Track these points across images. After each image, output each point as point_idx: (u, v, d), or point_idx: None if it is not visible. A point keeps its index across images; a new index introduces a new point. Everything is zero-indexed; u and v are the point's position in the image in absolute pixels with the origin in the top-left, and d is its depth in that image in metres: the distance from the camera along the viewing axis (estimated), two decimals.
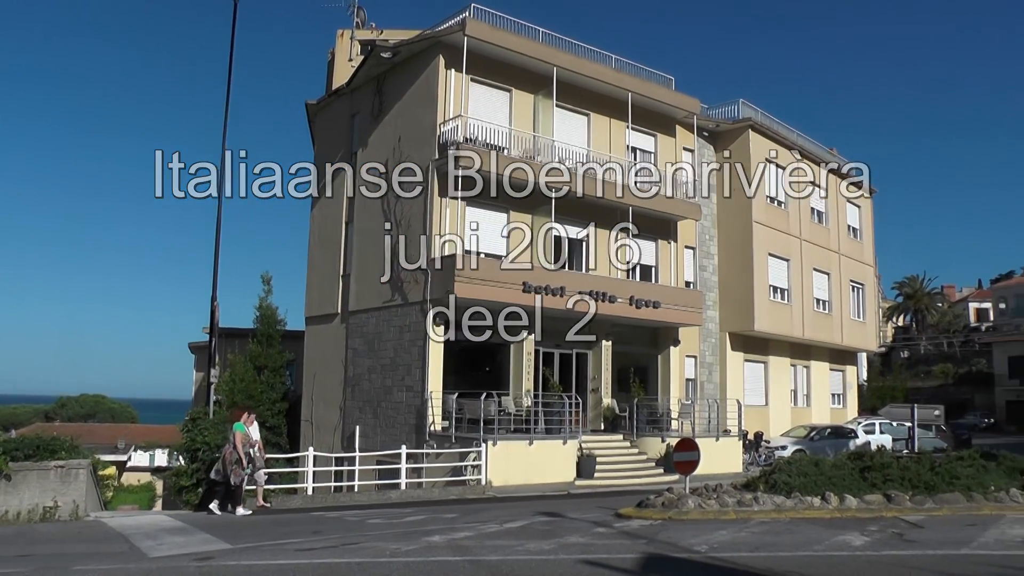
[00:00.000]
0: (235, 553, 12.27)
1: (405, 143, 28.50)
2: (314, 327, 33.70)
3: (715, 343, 37.69)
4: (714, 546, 12.10)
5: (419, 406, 26.27)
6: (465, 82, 27.59)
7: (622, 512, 16.36)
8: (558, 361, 30.02)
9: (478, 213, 27.99)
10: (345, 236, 31.88)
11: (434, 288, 26.21)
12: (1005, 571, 10.59)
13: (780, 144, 40.22)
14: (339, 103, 33.51)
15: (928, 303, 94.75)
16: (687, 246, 35.54)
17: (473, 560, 11.00)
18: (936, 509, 16.10)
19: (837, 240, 44.56)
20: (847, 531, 13.54)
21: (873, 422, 39.96)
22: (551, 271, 27.96)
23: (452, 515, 17.12)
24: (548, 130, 29.70)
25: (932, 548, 12.04)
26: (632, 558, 11.25)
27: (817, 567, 10.66)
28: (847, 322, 45.02)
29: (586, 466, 25.40)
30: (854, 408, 47.78)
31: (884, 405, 51.46)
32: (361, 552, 12.01)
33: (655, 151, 34.02)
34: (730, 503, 16.29)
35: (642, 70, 32.96)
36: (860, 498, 16.44)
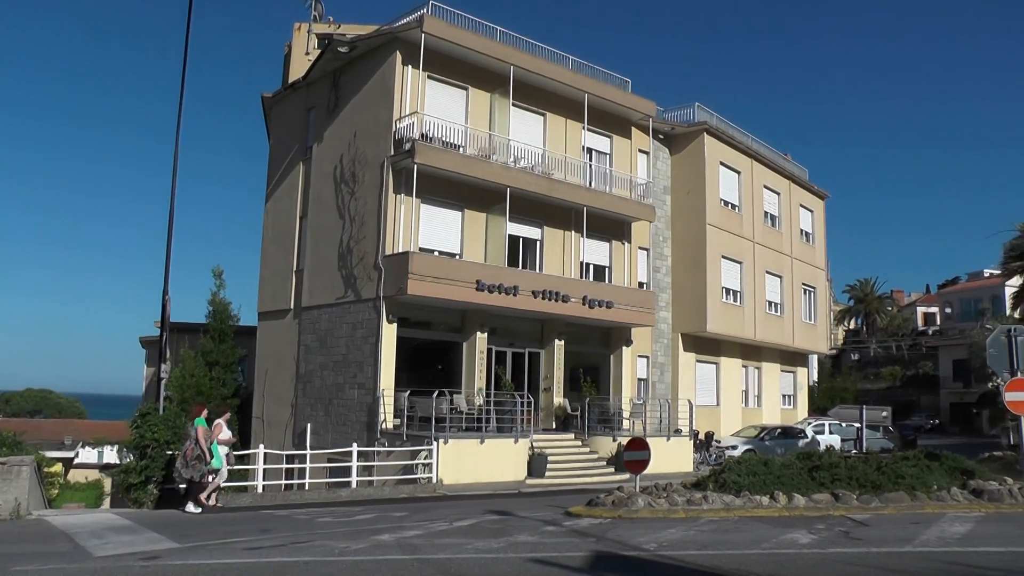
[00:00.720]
0: (182, 552, 12.13)
1: (361, 139, 28.42)
2: (266, 323, 33.48)
3: (667, 343, 37.90)
4: (663, 544, 12.14)
5: (371, 404, 26.21)
6: (422, 79, 27.57)
7: (572, 511, 16.39)
8: (510, 360, 30.09)
9: (433, 211, 27.98)
10: (299, 231, 31.72)
11: (387, 285, 26.13)
12: (945, 566, 10.77)
13: (735, 148, 40.58)
14: (295, 97, 33.31)
15: (878, 307, 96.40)
16: (641, 247, 35.71)
17: (422, 559, 10.95)
18: (882, 508, 16.33)
19: (790, 244, 45.02)
20: (795, 529, 13.65)
21: (822, 423, 40.44)
22: (505, 270, 28.00)
23: (402, 513, 17.07)
24: (504, 129, 29.76)
25: (877, 545, 12.21)
26: (581, 556, 11.26)
27: (764, 565, 10.71)
28: (798, 324, 45.50)
29: (537, 465, 25.44)
30: (804, 409, 48.27)
31: (834, 406, 51.98)
32: (310, 551, 11.91)
33: (610, 152, 34.23)
34: (680, 502, 16.35)
35: (599, 72, 33.14)
36: (808, 497, 16.60)
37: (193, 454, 18.08)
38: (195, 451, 18.06)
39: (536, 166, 30.19)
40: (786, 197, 45.01)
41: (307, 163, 31.60)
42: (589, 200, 31.22)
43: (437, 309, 27.98)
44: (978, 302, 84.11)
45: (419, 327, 28.42)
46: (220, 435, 19.13)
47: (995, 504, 16.94)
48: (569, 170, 31.59)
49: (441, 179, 27.27)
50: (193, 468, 18.05)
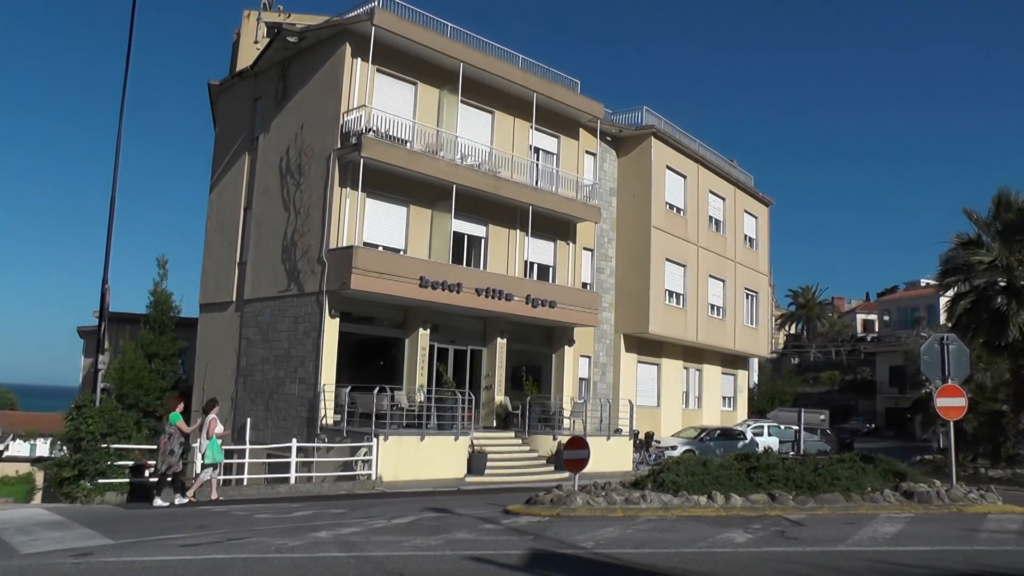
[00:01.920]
0: (115, 549, 11.92)
1: (308, 131, 28.20)
2: (208, 315, 33.06)
3: (609, 344, 38.09)
4: (600, 542, 12.23)
5: (311, 399, 26.02)
6: (371, 72, 27.43)
7: (511, 509, 16.46)
8: (452, 357, 30.06)
9: (378, 205, 27.86)
10: (243, 222, 31.36)
11: (331, 279, 25.97)
12: (875, 565, 11.03)
13: (681, 152, 40.89)
14: (242, 85, 32.92)
15: (819, 313, 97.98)
16: (585, 248, 35.84)
17: (359, 556, 10.90)
18: (817, 508, 16.67)
19: (733, 249, 45.47)
20: (731, 529, 13.85)
21: (762, 424, 41.02)
22: (449, 267, 27.97)
23: (340, 510, 17.01)
24: (452, 126, 29.70)
25: (811, 545, 12.45)
26: (518, 554, 11.30)
27: (700, 563, 10.84)
28: (740, 328, 45.96)
29: (477, 463, 25.44)
30: (744, 411, 48.79)
31: (773, 409, 52.80)
32: (246, 548, 11.78)
33: (558, 153, 34.33)
34: (618, 501, 16.49)
35: (548, 72, 33.21)
36: (745, 497, 16.87)
37: (166, 448, 18.42)
38: (168, 446, 18.40)
39: (483, 164, 30.18)
40: (731, 203, 45.47)
41: (253, 154, 31.27)
42: (535, 199, 31.28)
43: (380, 305, 27.85)
44: (915, 311, 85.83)
45: (362, 322, 28.29)
46: (215, 429, 19.58)
47: (924, 505, 17.51)
48: (516, 169, 31.63)
49: (387, 174, 27.15)
50: (162, 461, 18.39)
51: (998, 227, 29.79)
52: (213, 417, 19.79)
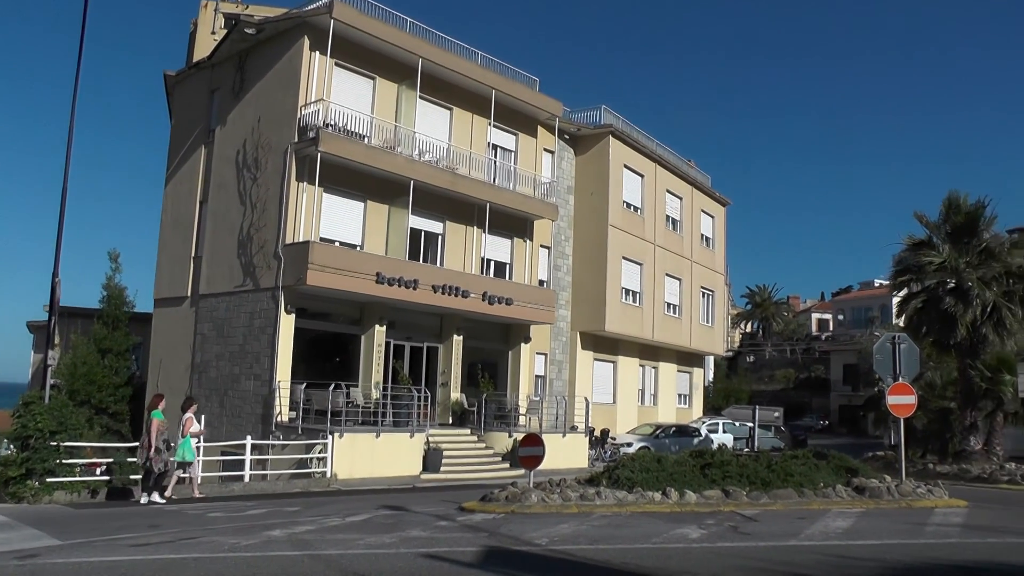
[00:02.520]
0: (63, 550, 11.68)
1: (265, 124, 27.97)
2: (162, 310, 32.65)
3: (566, 341, 38.19)
4: (555, 539, 12.28)
5: (266, 395, 25.83)
6: (329, 66, 27.27)
7: (466, 506, 16.46)
8: (408, 354, 29.99)
9: (335, 200, 27.70)
10: (199, 216, 31.06)
11: (286, 275, 25.80)
12: (826, 559, 11.22)
13: (639, 152, 41.14)
14: (199, 77, 32.59)
15: (774, 312, 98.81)
16: (542, 245, 35.91)
17: (312, 555, 10.85)
18: (770, 504, 16.89)
19: (690, 248, 45.81)
20: (685, 524, 13.96)
21: (717, 422, 41.33)
22: (405, 263, 27.94)
23: (295, 508, 16.91)
24: (410, 121, 29.62)
25: (764, 540, 12.63)
26: (473, 551, 11.29)
27: (654, 558, 10.92)
28: (696, 326, 46.32)
29: (433, 460, 25.40)
30: (699, 408, 49.27)
31: (728, 406, 53.19)
32: (199, 547, 11.64)
33: (516, 150, 34.34)
34: (573, 497, 16.55)
35: (508, 69, 33.23)
36: (700, 493, 17.03)
37: (150, 445, 18.35)
38: (152, 443, 18.34)
39: (441, 160, 30.14)
40: (688, 202, 45.79)
41: (209, 146, 30.94)
42: (492, 196, 31.28)
43: (336, 301, 27.72)
44: (868, 310, 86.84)
45: (318, 318, 28.12)
46: (191, 428, 19.58)
47: (875, 500, 17.88)
48: (474, 165, 31.61)
49: (345, 169, 27.02)
50: (152, 461, 18.31)
51: (948, 229, 30.35)
52: (190, 416, 19.75)
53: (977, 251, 29.72)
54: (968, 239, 29.92)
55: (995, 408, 29.88)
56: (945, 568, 11.17)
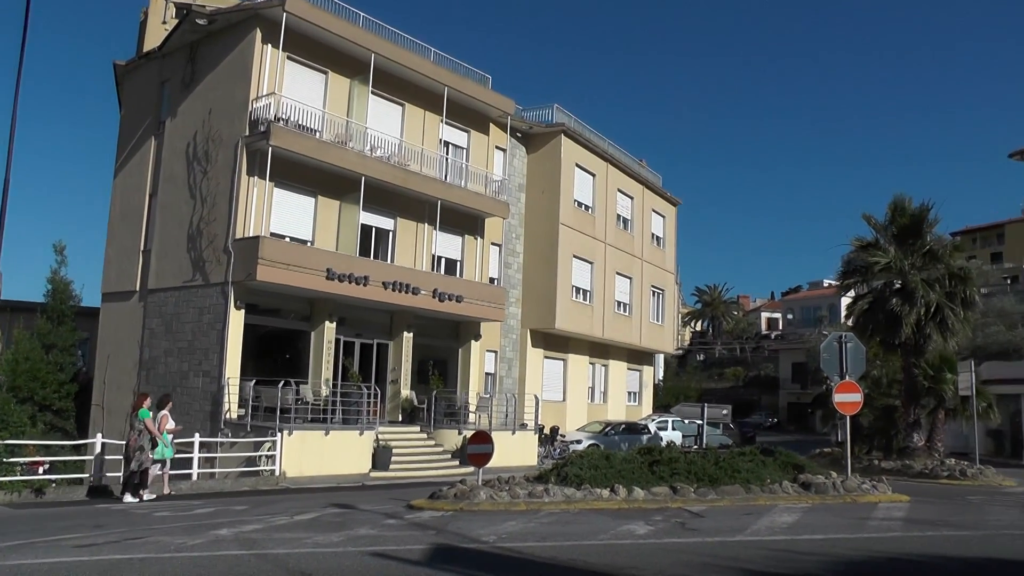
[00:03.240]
0: (1, 552, 11.19)
1: (216, 117, 27.68)
2: (110, 304, 32.08)
3: (516, 339, 38.27)
4: (502, 536, 12.32)
5: (215, 392, 25.54)
6: (281, 59, 27.08)
7: (414, 504, 16.45)
8: (358, 351, 29.87)
9: (286, 195, 27.50)
10: (148, 209, 30.59)
11: (236, 270, 25.55)
12: (771, 553, 11.40)
13: (591, 151, 41.34)
14: (149, 67, 32.05)
15: (724, 311, 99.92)
16: (493, 243, 35.92)
17: (260, 554, 10.77)
18: (718, 500, 17.12)
19: (641, 247, 46.10)
20: (633, 521, 14.09)
21: (666, 419, 41.64)
22: (356, 259, 27.80)
23: (243, 507, 16.76)
24: (362, 117, 29.48)
25: (710, 535, 12.79)
26: (420, 549, 11.28)
27: (600, 555, 10.99)
28: (646, 325, 46.63)
29: (382, 457, 25.33)
30: (649, 406, 49.63)
31: (677, 404, 53.66)
32: (144, 547, 11.45)
33: (468, 147, 34.33)
34: (521, 495, 16.61)
35: (460, 66, 33.18)
36: (648, 490, 17.20)
37: (136, 445, 18.34)
38: (137, 442, 18.35)
39: (392, 156, 30.05)
40: (639, 202, 46.10)
41: (159, 138, 30.52)
42: (444, 193, 31.25)
43: (286, 297, 27.52)
44: (817, 310, 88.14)
45: (267, 314, 27.93)
46: (167, 425, 19.60)
47: (821, 496, 18.27)
48: (425, 162, 31.53)
49: (296, 163, 26.84)
50: (134, 459, 18.32)
51: (894, 232, 31.00)
52: (165, 413, 19.73)
53: (921, 253, 30.43)
54: (913, 241, 30.61)
55: (937, 406, 30.67)
56: (886, 561, 11.44)
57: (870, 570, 10.93)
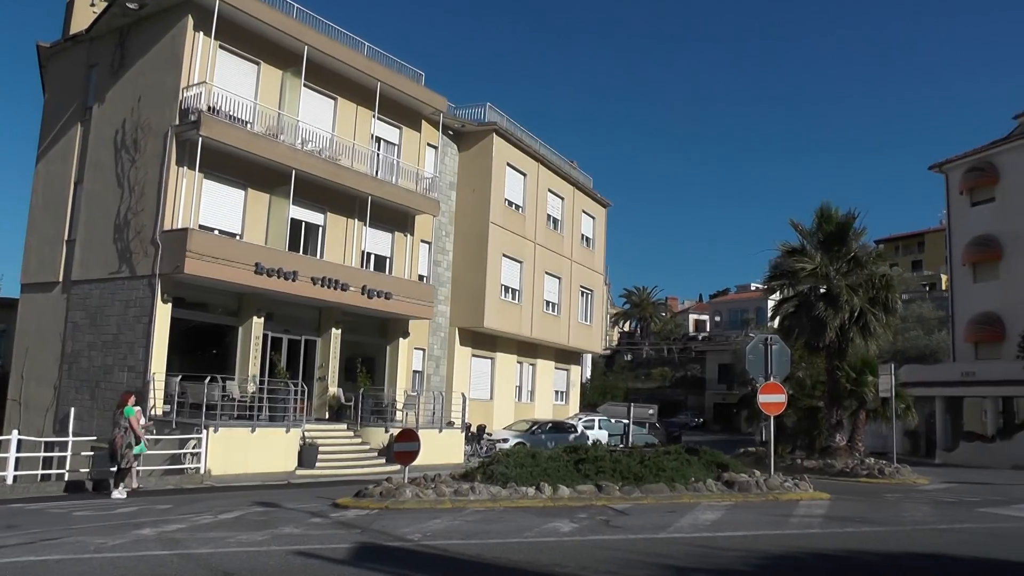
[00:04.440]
0: None
1: (145, 104, 27.11)
2: (30, 296, 31.12)
3: (444, 337, 38.25)
4: (427, 534, 12.34)
5: (140, 388, 24.74)
6: (213, 48, 26.70)
7: (339, 502, 16.41)
8: (286, 347, 29.61)
9: (215, 187, 27.09)
10: (73, 197, 29.77)
11: (164, 262, 25.08)
12: (694, 549, 11.61)
13: (522, 151, 41.45)
14: (76, 51, 31.16)
15: (652, 312, 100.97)
16: (423, 240, 35.88)
17: (183, 554, 10.64)
18: (642, 498, 17.37)
19: (570, 247, 46.36)
20: (558, 519, 14.22)
21: (593, 418, 41.98)
22: (285, 254, 27.58)
23: (166, 506, 16.51)
24: (294, 109, 29.24)
25: (634, 532, 12.96)
26: (345, 548, 11.25)
27: (525, 553, 11.05)
28: (575, 324, 46.90)
29: (308, 455, 25.11)
30: (576, 405, 49.91)
31: (605, 403, 54.13)
32: (61, 548, 11.15)
33: (399, 143, 34.20)
34: (447, 493, 16.66)
35: (394, 62, 33.10)
36: (573, 488, 17.38)
37: (123, 442, 18.65)
38: (125, 439, 18.66)
39: (324, 150, 29.80)
40: (570, 202, 46.37)
41: (86, 125, 29.79)
42: (374, 189, 31.09)
43: (214, 291, 27.12)
44: (744, 312, 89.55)
45: (195, 308, 27.43)
46: (141, 420, 19.73)
47: (744, 494, 18.69)
48: (357, 157, 31.35)
49: (226, 155, 26.47)
50: (124, 456, 18.65)
51: (820, 238, 31.68)
52: (138, 409, 19.69)
53: (847, 259, 31.17)
54: (838, 248, 31.32)
55: (859, 407, 31.43)
56: (806, 556, 11.70)
57: (791, 565, 11.17)
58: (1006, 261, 43.26)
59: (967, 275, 45.57)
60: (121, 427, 18.79)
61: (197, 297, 27.24)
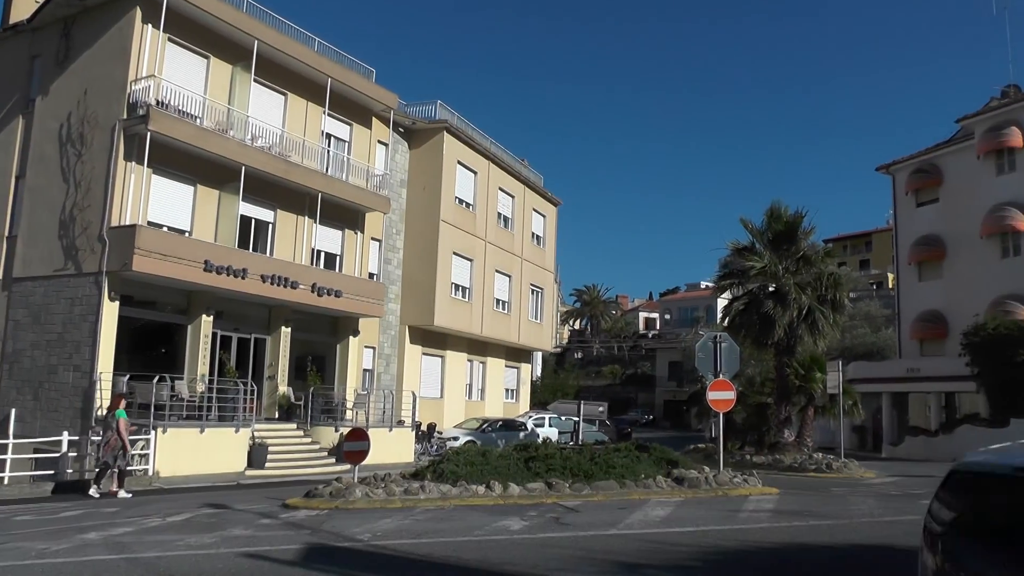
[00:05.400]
0: None
1: (92, 97, 26.54)
2: None
3: (395, 335, 38.12)
4: (377, 534, 12.30)
5: (86, 388, 24.49)
6: (162, 41, 26.28)
7: (289, 503, 16.30)
8: (236, 345, 29.30)
9: (164, 183, 26.67)
10: (14, 192, 29.01)
11: (111, 259, 24.63)
12: (644, 545, 11.67)
13: (473, 149, 41.47)
14: (17, 41, 30.19)
15: (603, 310, 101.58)
16: (374, 238, 35.71)
17: (130, 558, 10.47)
18: (592, 495, 17.45)
19: (521, 245, 46.44)
20: (508, 517, 14.25)
21: (543, 416, 42.06)
22: (235, 251, 27.32)
23: (114, 509, 16.28)
24: (244, 105, 28.92)
25: (584, 529, 13.03)
26: (294, 549, 11.18)
27: (475, 551, 11.05)
28: (525, 323, 46.98)
29: (258, 455, 24.91)
30: (526, 403, 50.01)
31: (555, 401, 54.29)
32: (2, 555, 10.87)
33: (350, 140, 34.01)
34: (397, 492, 16.63)
35: (344, 58, 32.92)
36: (523, 486, 17.42)
37: (117, 444, 19.02)
38: (118, 441, 19.01)
39: (274, 146, 29.55)
40: (520, 201, 46.45)
41: (28, 117, 28.97)
42: (325, 186, 30.89)
43: (163, 288, 26.69)
44: (694, 310, 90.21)
45: (143, 307, 26.98)
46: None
47: (693, 490, 18.87)
48: (307, 154, 31.13)
49: (175, 150, 26.08)
50: (120, 457, 19.10)
51: (769, 236, 32.04)
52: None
53: (796, 258, 31.55)
54: (788, 247, 31.70)
55: (807, 403, 31.85)
56: (755, 550, 11.87)
57: (740, 559, 11.27)
58: (949, 260, 44.19)
59: (912, 274, 46.48)
60: (114, 429, 19.06)
61: (145, 295, 26.82)
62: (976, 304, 40.11)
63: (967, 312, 39.89)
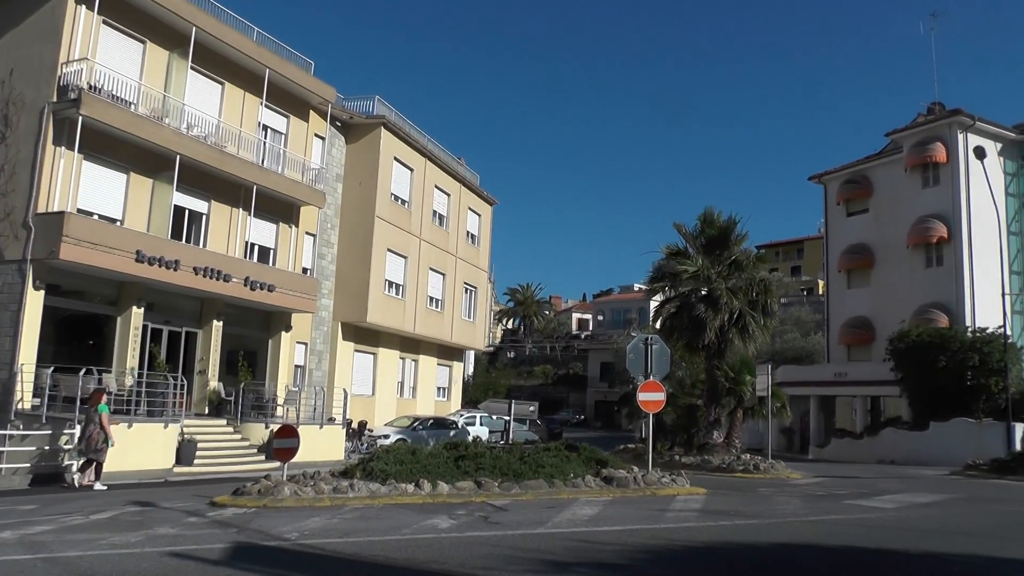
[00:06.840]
0: None
1: (18, 78, 25.74)
2: None
3: (327, 331, 37.86)
4: (305, 533, 12.20)
5: (6, 380, 23.79)
6: (96, 23, 25.67)
7: (217, 500, 16.06)
8: (166, 338, 28.80)
9: (95, 170, 26.06)
10: None
11: (37, 247, 23.99)
12: (572, 544, 11.75)
13: (410, 145, 41.37)
14: None
15: (536, 310, 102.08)
16: (308, 232, 35.40)
17: (48, 558, 10.19)
18: (521, 494, 17.50)
19: (455, 244, 46.43)
20: (437, 515, 14.22)
21: (474, 415, 42.23)
22: (168, 242, 26.84)
23: (32, 507, 15.89)
24: (180, 92, 28.40)
25: (513, 528, 13.03)
26: (220, 548, 11.02)
27: (402, 550, 11.00)
28: (458, 321, 46.97)
29: (186, 452, 24.49)
30: (458, 401, 50.08)
31: (487, 400, 54.42)
32: None
33: (286, 133, 33.65)
34: (326, 490, 16.53)
35: (283, 49, 32.58)
36: (453, 485, 17.44)
37: (99, 438, 19.96)
38: (100, 435, 19.96)
39: (209, 136, 29.14)
40: (456, 199, 46.48)
41: None
42: (260, 178, 30.54)
43: (92, 278, 26.09)
44: (627, 312, 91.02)
45: (71, 297, 26.38)
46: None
47: (622, 489, 19.05)
48: (243, 145, 30.73)
49: (108, 136, 25.53)
50: (101, 451, 20.07)
51: (703, 241, 32.46)
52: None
53: (728, 263, 32.02)
54: (720, 251, 32.17)
55: (736, 405, 32.40)
56: (681, 549, 11.97)
57: (666, 558, 11.33)
58: (877, 269, 45.44)
59: (842, 281, 47.63)
60: (96, 423, 19.86)
61: (73, 285, 26.21)
62: (902, 311, 41.29)
63: (893, 319, 40.99)
